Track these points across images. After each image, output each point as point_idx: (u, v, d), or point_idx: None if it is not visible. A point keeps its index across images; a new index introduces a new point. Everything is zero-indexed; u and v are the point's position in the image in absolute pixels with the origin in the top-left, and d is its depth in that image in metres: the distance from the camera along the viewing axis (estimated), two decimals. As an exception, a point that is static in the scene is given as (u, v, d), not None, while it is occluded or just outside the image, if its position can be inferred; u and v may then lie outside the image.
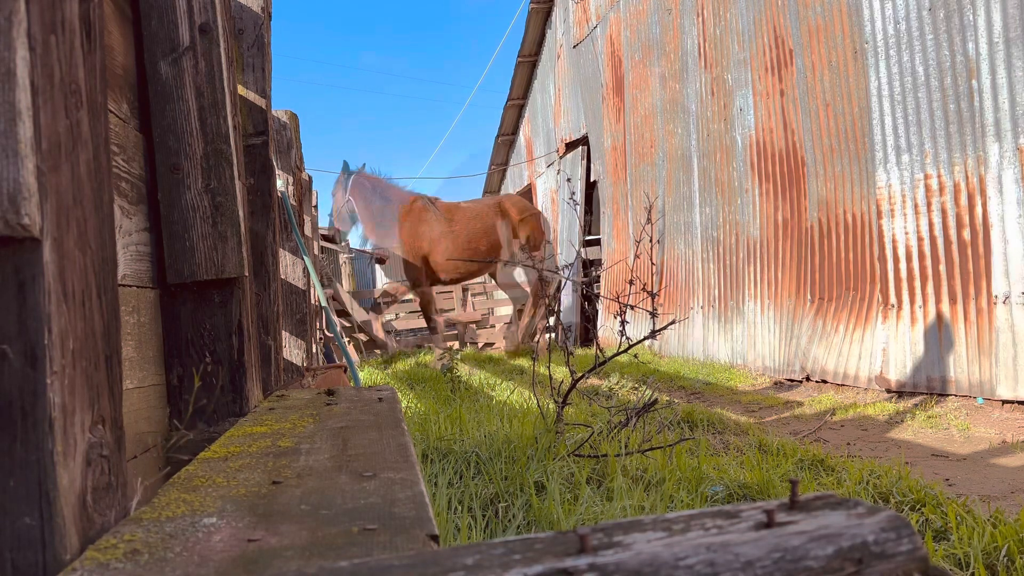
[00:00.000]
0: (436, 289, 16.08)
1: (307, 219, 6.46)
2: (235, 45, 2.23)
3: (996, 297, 4.57)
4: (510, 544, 0.65)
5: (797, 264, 6.47)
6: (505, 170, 17.53)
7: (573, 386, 3.36)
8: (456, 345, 12.23)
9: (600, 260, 11.66)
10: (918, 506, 2.38)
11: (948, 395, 4.84)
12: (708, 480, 2.55)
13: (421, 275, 9.50)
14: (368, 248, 10.46)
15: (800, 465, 3.03)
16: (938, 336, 4.96)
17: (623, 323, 3.56)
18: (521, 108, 15.63)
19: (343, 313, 11.85)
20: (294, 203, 4.43)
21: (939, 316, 4.97)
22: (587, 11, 11.82)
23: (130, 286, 1.53)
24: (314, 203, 8.73)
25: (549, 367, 3.63)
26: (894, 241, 5.37)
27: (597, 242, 12.75)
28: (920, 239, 5.15)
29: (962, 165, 4.82)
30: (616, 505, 2.18)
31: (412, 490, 0.98)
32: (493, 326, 13.55)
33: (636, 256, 4.07)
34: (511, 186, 17.36)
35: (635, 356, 3.96)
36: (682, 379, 6.59)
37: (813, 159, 6.26)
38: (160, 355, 1.70)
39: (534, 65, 14.66)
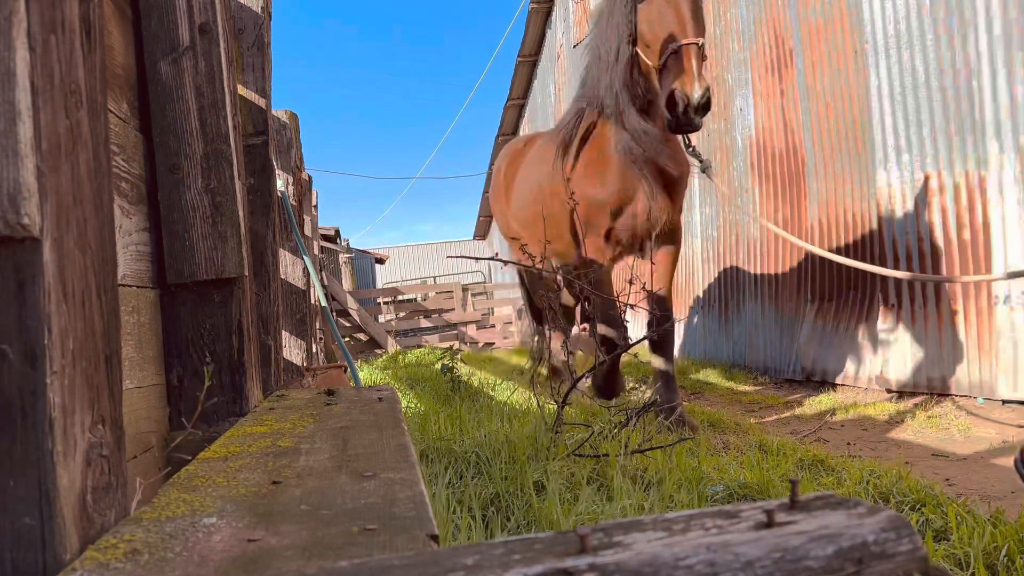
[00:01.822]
0: (438, 288, 16.05)
1: (307, 219, 6.46)
2: (235, 45, 2.23)
3: (996, 297, 4.57)
4: (510, 544, 0.65)
5: (797, 264, 6.47)
6: (505, 170, 17.50)
7: (573, 386, 3.36)
8: (457, 345, 12.24)
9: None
10: (918, 506, 2.37)
11: (948, 395, 4.84)
12: (708, 480, 2.55)
13: None
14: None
15: (800, 465, 3.03)
16: (938, 336, 4.95)
17: (623, 323, 3.56)
18: (521, 108, 15.63)
19: (343, 313, 11.86)
20: (294, 203, 4.43)
21: (939, 316, 4.97)
22: (587, 11, 11.82)
23: (130, 286, 1.53)
24: (314, 203, 8.72)
25: (549, 367, 3.63)
26: (894, 241, 5.37)
27: (597, 242, 12.72)
28: (920, 239, 5.14)
29: (962, 165, 4.82)
30: (616, 505, 2.17)
31: (412, 490, 0.98)
32: (493, 326, 13.55)
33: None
34: (511, 186, 17.35)
35: (635, 356, 3.96)
36: (682, 379, 6.59)
37: (813, 159, 6.27)
38: (160, 355, 1.70)
39: (534, 65, 14.66)
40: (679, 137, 3.98)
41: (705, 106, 3.37)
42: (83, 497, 0.81)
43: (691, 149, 4.03)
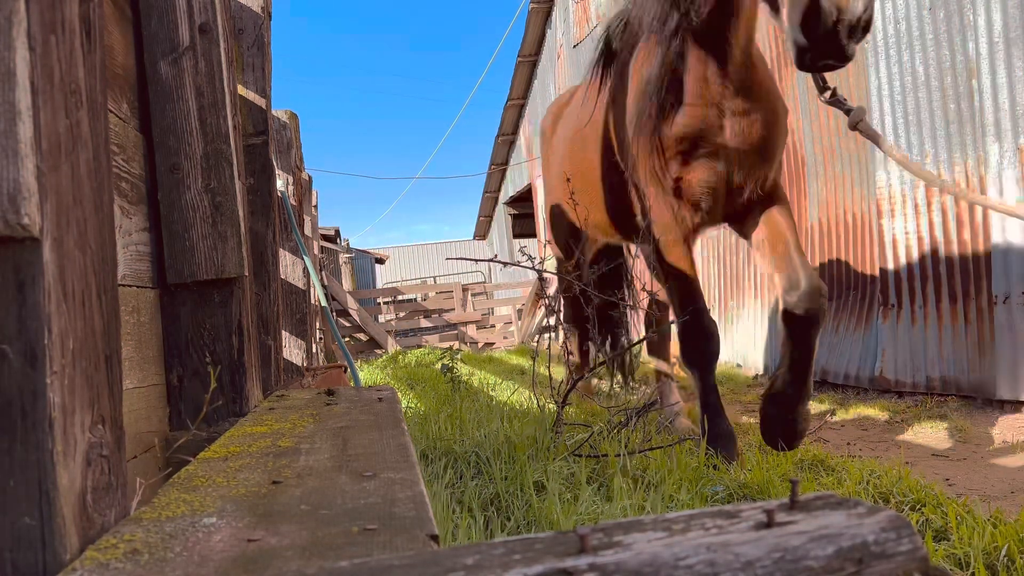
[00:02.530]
0: (438, 288, 16.04)
1: (307, 219, 6.46)
2: (235, 45, 2.23)
3: (996, 297, 4.57)
4: (510, 544, 0.65)
5: (797, 264, 6.47)
6: (505, 170, 17.54)
7: (573, 386, 3.36)
8: (457, 345, 12.24)
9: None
10: (918, 506, 2.37)
11: (948, 395, 4.84)
12: (708, 480, 2.55)
13: None
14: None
15: (800, 465, 3.03)
16: (938, 336, 4.96)
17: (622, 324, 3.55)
18: (521, 108, 15.63)
19: (343, 313, 11.86)
20: (294, 203, 4.43)
21: (939, 316, 4.97)
22: (587, 11, 11.82)
23: (130, 286, 1.53)
24: (314, 203, 8.73)
25: (549, 367, 3.63)
26: (894, 241, 5.37)
27: (597, 242, 12.73)
28: (920, 239, 5.15)
29: (962, 165, 4.82)
30: (616, 505, 2.17)
31: (412, 490, 0.98)
32: (493, 326, 13.56)
33: (636, 257, 4.06)
34: (511, 186, 17.38)
35: (635, 356, 3.95)
36: (682, 379, 6.59)
37: (813, 159, 6.27)
38: (160, 355, 1.70)
39: (534, 65, 14.66)
40: (809, 77, 2.84)
41: (867, 24, 2.14)
42: (83, 497, 0.81)
43: (829, 94, 2.77)
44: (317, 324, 7.44)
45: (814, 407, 5.16)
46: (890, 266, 5.39)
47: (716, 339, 3.11)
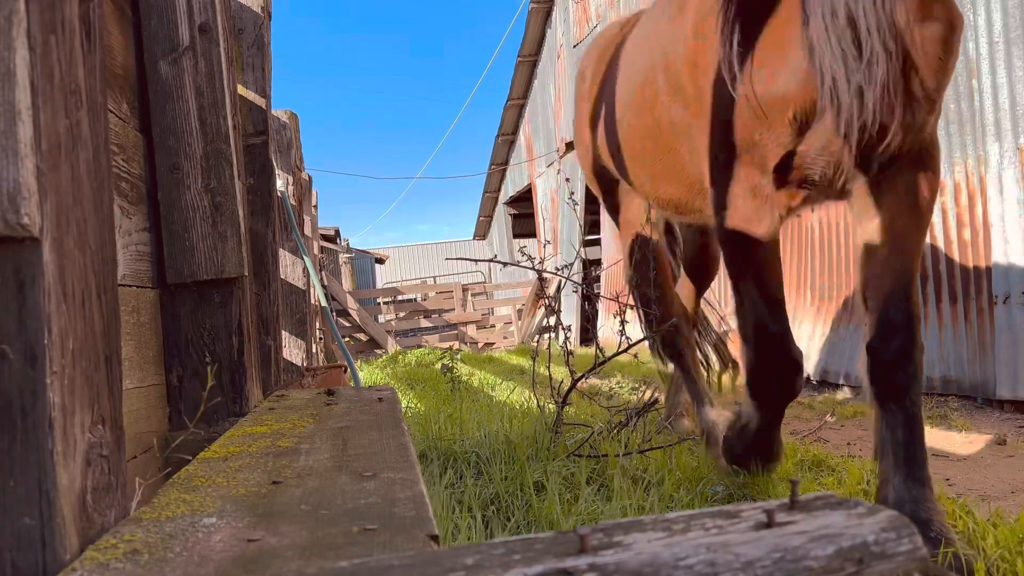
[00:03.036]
0: (438, 288, 16.05)
1: (307, 219, 6.46)
2: (235, 45, 2.23)
3: (996, 297, 4.57)
4: (510, 544, 0.65)
5: (797, 264, 6.47)
6: (505, 170, 17.54)
7: (573, 386, 3.36)
8: (457, 345, 12.25)
9: (600, 260, 11.65)
10: (918, 506, 2.37)
11: (948, 395, 4.84)
12: (708, 480, 2.55)
13: None
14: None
15: (800, 465, 3.03)
16: (938, 336, 4.96)
17: (623, 323, 3.56)
18: (521, 108, 15.64)
19: (343, 313, 11.87)
20: (294, 203, 4.44)
21: (939, 316, 4.97)
22: (587, 11, 11.82)
23: (130, 286, 1.53)
24: (314, 203, 8.73)
25: (549, 367, 3.63)
26: (894, 241, 5.37)
27: (597, 242, 12.78)
28: (920, 239, 5.15)
29: (962, 165, 4.82)
30: (616, 505, 2.17)
31: (412, 490, 0.98)
32: (493, 326, 13.57)
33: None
34: (511, 186, 17.38)
35: (635, 356, 3.95)
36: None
37: (813, 159, 6.26)
38: (160, 355, 1.70)
39: (534, 65, 14.66)
40: None
41: None
42: (83, 497, 0.81)
43: None
44: (317, 324, 7.44)
45: (814, 407, 5.15)
46: (890, 266, 5.39)
47: (803, 373, 2.38)
